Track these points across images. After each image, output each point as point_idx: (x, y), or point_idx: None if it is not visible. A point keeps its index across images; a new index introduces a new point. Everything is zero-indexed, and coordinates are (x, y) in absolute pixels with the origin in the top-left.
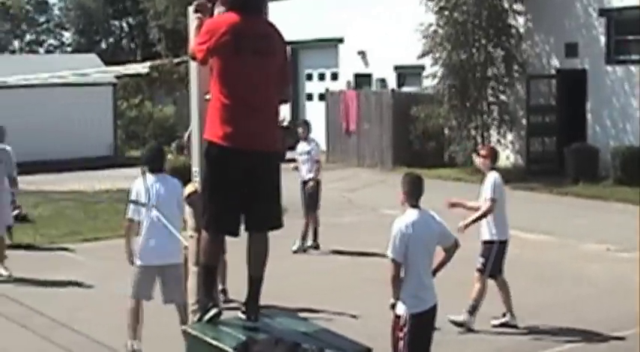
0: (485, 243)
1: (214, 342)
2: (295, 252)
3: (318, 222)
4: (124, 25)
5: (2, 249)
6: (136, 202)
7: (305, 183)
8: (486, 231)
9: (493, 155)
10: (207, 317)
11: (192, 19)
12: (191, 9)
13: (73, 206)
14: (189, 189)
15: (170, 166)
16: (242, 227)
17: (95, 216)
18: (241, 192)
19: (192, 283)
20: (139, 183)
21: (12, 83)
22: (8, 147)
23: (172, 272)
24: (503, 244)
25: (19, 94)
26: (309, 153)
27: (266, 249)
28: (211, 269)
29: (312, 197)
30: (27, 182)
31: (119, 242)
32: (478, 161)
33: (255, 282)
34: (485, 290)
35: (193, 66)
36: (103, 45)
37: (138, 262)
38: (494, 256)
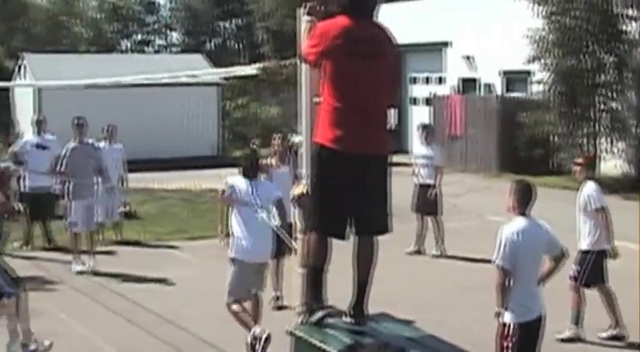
0: (582, 252)
1: (320, 344)
2: (411, 253)
3: (441, 227)
4: (231, 26)
5: (94, 243)
6: (232, 187)
7: (422, 186)
8: (584, 240)
9: (589, 163)
10: (313, 319)
11: (304, 22)
12: (302, 11)
13: (179, 204)
14: (299, 190)
15: None
16: (350, 230)
17: (201, 215)
18: (350, 195)
19: (298, 285)
20: (241, 180)
21: (123, 83)
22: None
23: (265, 269)
24: (600, 254)
25: (129, 94)
26: (430, 158)
27: (373, 253)
28: (318, 271)
29: (432, 203)
30: (135, 179)
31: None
32: (574, 169)
33: (361, 286)
34: (581, 299)
35: (303, 68)
36: (210, 45)
37: (237, 257)
38: (589, 266)
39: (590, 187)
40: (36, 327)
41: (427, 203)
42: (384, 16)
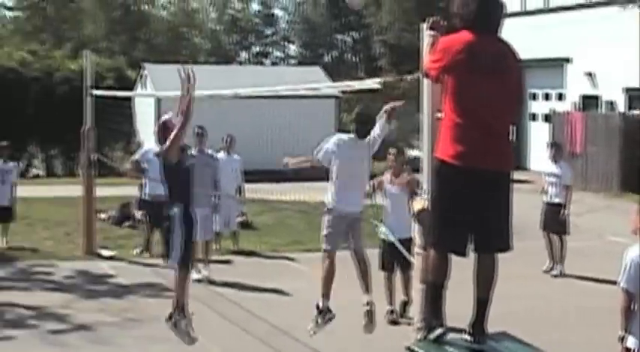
0: None
1: None
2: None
3: (564, 247)
4: (348, 39)
5: (209, 252)
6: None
7: (550, 205)
8: None
9: None
10: (432, 336)
11: (426, 36)
12: (424, 26)
13: (296, 216)
14: (419, 206)
15: None
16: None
17: (317, 227)
18: (471, 211)
19: (418, 300)
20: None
21: (243, 94)
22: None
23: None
24: None
25: (248, 105)
26: (558, 176)
27: (493, 271)
28: (438, 287)
29: (561, 222)
30: (252, 190)
31: (342, 254)
32: None
33: (481, 304)
34: None
35: (425, 83)
36: (327, 58)
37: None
38: None
39: None
40: (150, 332)
41: (555, 221)
42: (504, 30)
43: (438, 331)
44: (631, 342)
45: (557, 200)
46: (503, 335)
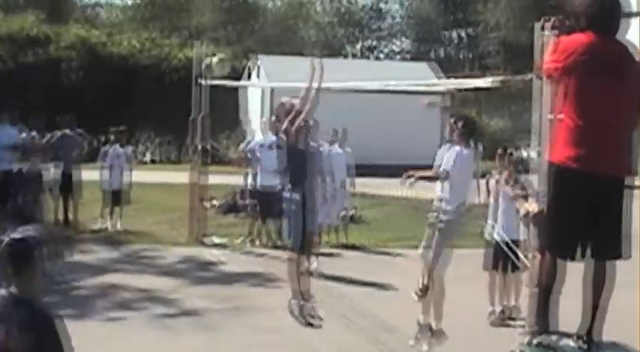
0: None
1: None
2: None
3: None
4: (459, 35)
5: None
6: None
7: None
8: None
9: None
10: (539, 340)
11: (547, 36)
12: (540, 25)
13: (405, 212)
14: (536, 208)
15: None
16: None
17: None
18: (586, 216)
19: (526, 304)
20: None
21: (355, 88)
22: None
23: None
24: None
25: (358, 99)
26: None
27: (605, 277)
28: (549, 292)
29: None
30: (362, 184)
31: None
32: None
33: (593, 310)
34: None
35: (537, 84)
36: (435, 53)
37: None
38: None
39: None
40: (255, 321)
41: None
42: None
43: (546, 336)
44: None
45: None
46: (613, 345)
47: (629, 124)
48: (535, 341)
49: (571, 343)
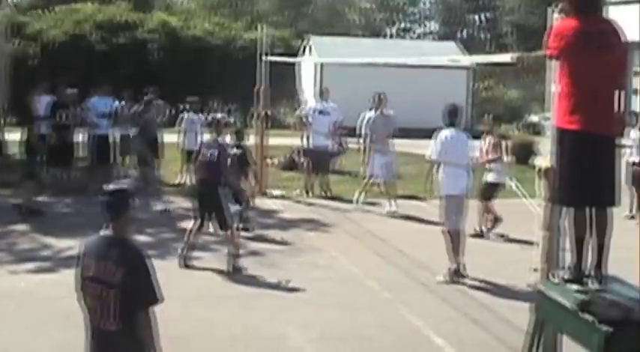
0: None
1: (560, 299)
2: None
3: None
4: (479, 18)
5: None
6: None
7: (634, 165)
8: None
9: None
10: (558, 278)
11: (555, 19)
12: (550, 10)
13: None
14: (546, 164)
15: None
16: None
17: None
18: (586, 171)
19: (540, 245)
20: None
21: (393, 63)
22: (392, 112)
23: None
24: None
25: (396, 73)
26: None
27: (606, 222)
28: (578, 240)
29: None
30: (399, 144)
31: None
32: None
33: (600, 251)
34: None
35: (547, 60)
36: (460, 34)
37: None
38: None
39: None
40: (312, 261)
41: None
42: (616, 16)
43: (563, 274)
44: None
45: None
46: (613, 278)
47: (615, 90)
48: (554, 279)
49: (584, 279)
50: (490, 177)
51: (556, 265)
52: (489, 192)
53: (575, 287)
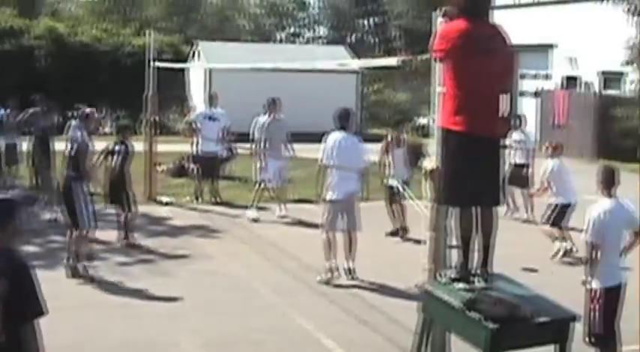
0: None
1: (446, 298)
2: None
3: (527, 197)
4: (368, 23)
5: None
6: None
7: (516, 166)
8: None
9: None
10: (444, 279)
11: (439, 23)
12: (436, 14)
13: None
14: (431, 165)
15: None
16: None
17: None
18: (471, 171)
19: (426, 245)
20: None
21: (282, 68)
22: (283, 116)
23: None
24: None
25: (284, 78)
26: (522, 142)
27: (491, 222)
28: (464, 240)
29: (524, 178)
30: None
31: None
32: None
33: (485, 249)
34: None
35: (432, 63)
36: (350, 39)
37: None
38: None
39: None
40: (202, 267)
41: (520, 178)
42: (501, 21)
43: (449, 273)
44: (594, 284)
45: (521, 161)
46: (499, 276)
47: (500, 93)
48: (440, 279)
49: (470, 278)
50: (391, 181)
51: (443, 265)
52: (392, 194)
53: (461, 285)
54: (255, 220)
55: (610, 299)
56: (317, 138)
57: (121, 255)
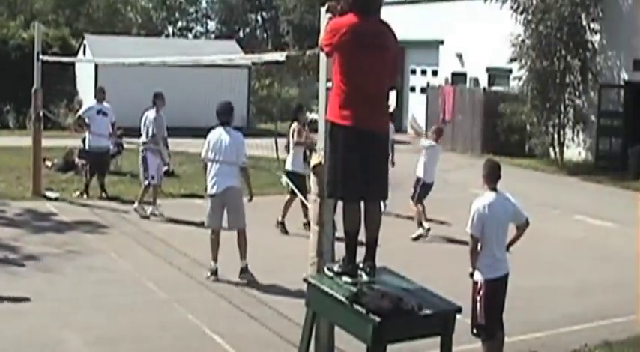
0: None
1: (331, 291)
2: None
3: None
4: (259, 17)
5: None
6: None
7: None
8: None
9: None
10: (330, 271)
11: (324, 18)
12: (323, 10)
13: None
14: (315, 160)
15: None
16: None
17: None
18: (357, 165)
19: (312, 239)
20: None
21: (169, 63)
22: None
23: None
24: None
25: (173, 72)
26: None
27: (378, 216)
28: (350, 234)
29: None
30: (175, 143)
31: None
32: None
33: (371, 244)
34: None
35: (322, 57)
36: (241, 34)
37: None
38: None
39: None
40: (90, 262)
41: None
42: (390, 16)
43: (336, 267)
44: (477, 276)
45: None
46: (384, 270)
47: (387, 89)
48: (326, 272)
49: (359, 271)
50: (283, 178)
51: (330, 259)
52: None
53: (346, 279)
54: (147, 217)
55: (492, 290)
56: (197, 132)
57: (6, 251)
